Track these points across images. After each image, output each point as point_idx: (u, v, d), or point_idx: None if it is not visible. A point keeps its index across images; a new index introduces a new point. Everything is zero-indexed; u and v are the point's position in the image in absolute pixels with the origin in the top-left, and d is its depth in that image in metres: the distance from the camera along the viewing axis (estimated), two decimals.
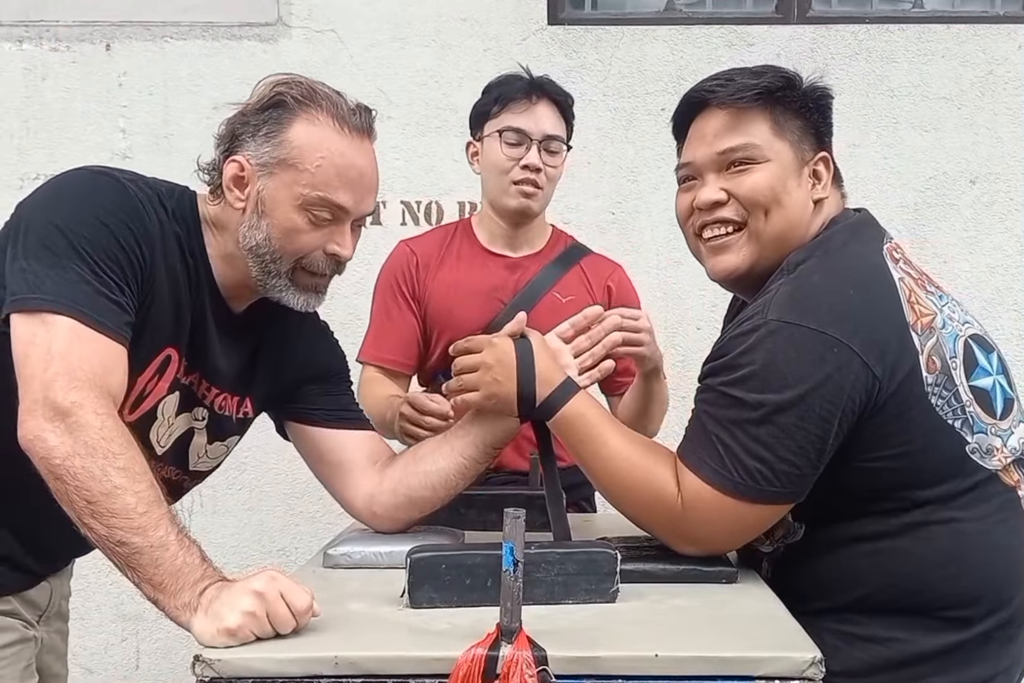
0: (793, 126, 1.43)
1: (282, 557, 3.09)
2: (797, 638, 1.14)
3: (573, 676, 1.06)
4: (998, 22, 3.11)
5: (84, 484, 1.15)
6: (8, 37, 3.11)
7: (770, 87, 1.43)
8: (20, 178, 3.10)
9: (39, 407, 1.18)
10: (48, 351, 1.21)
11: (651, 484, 1.35)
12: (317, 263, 1.42)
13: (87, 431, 1.17)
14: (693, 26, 3.11)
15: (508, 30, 3.09)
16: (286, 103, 1.39)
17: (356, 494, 1.57)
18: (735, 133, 1.43)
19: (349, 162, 1.38)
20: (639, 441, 1.42)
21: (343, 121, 1.38)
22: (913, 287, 1.37)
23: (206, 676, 1.06)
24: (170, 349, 1.39)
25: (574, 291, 2.12)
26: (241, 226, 1.39)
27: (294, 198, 1.37)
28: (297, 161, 1.36)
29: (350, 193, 1.39)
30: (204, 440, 1.50)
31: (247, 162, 1.38)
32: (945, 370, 1.32)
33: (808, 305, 1.30)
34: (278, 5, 3.09)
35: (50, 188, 1.33)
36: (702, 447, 1.33)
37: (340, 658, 1.06)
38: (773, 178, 1.41)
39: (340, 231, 1.41)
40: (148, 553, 1.13)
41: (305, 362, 1.59)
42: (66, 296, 1.23)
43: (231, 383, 1.50)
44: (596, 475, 1.42)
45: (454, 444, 1.54)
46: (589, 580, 1.25)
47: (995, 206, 3.10)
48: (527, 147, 2.05)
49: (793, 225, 1.41)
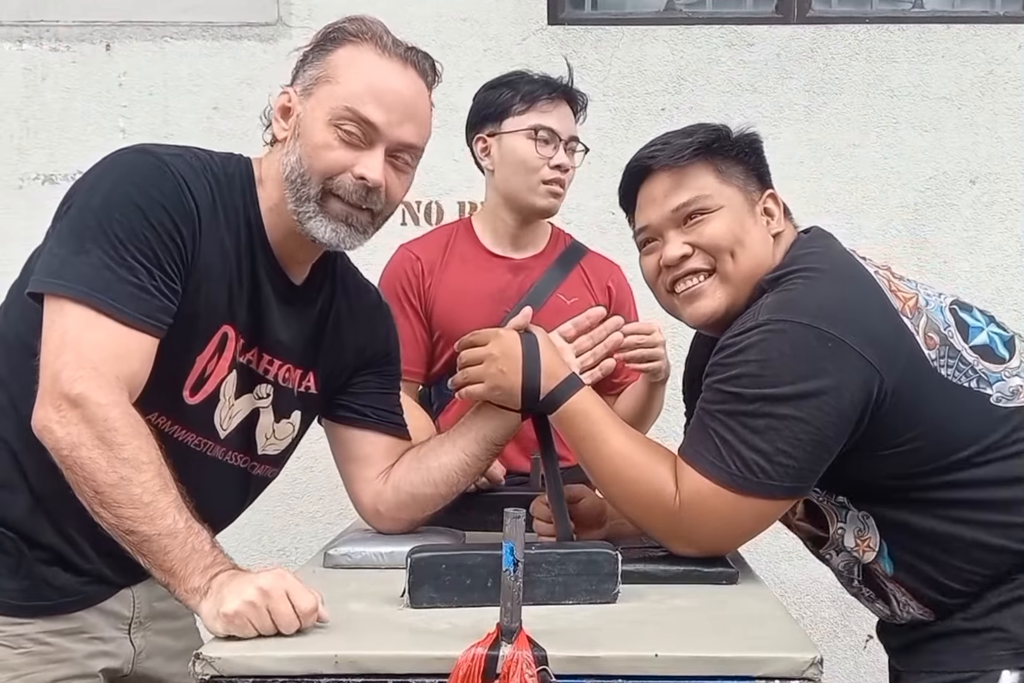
0: (735, 172, 1.50)
1: (282, 557, 3.09)
2: (797, 638, 1.14)
3: (573, 676, 1.06)
4: (998, 22, 3.11)
5: (91, 475, 1.17)
6: (8, 37, 3.11)
7: (705, 141, 1.49)
8: (20, 178, 3.10)
9: (47, 396, 1.20)
10: (61, 339, 1.22)
11: (650, 482, 1.36)
12: (345, 186, 1.36)
13: (92, 422, 1.18)
14: (693, 26, 3.11)
15: (508, 30, 3.09)
16: (337, 36, 1.39)
17: (365, 491, 1.57)
18: (683, 189, 1.48)
19: (383, 79, 1.37)
20: (641, 440, 1.43)
21: (386, 47, 1.39)
22: (889, 276, 1.43)
23: (206, 674, 1.06)
24: (227, 327, 1.37)
25: (577, 292, 2.12)
26: (282, 156, 1.38)
27: (325, 113, 1.35)
28: (332, 77, 1.36)
29: (382, 110, 1.35)
30: (271, 419, 1.48)
31: (294, 92, 1.39)
32: (944, 341, 1.37)
33: (797, 304, 1.34)
34: (278, 5, 3.09)
35: (95, 170, 1.33)
36: (700, 442, 1.34)
37: (340, 657, 1.06)
38: (730, 222, 1.47)
39: (371, 155, 1.36)
40: (157, 541, 1.15)
41: (367, 343, 1.58)
42: (85, 283, 1.23)
43: (294, 355, 1.48)
44: (596, 472, 1.43)
45: (456, 440, 1.55)
46: (590, 580, 1.25)
47: (995, 206, 3.10)
48: (555, 147, 2.04)
49: (759, 262, 1.46)
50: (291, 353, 1.47)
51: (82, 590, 1.39)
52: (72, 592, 1.38)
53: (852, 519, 1.41)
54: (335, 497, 2.86)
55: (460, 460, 1.54)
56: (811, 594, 3.09)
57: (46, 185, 3.09)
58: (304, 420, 1.55)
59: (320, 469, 2.78)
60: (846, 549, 1.44)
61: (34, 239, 1.40)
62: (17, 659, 1.33)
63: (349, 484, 1.60)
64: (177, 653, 1.53)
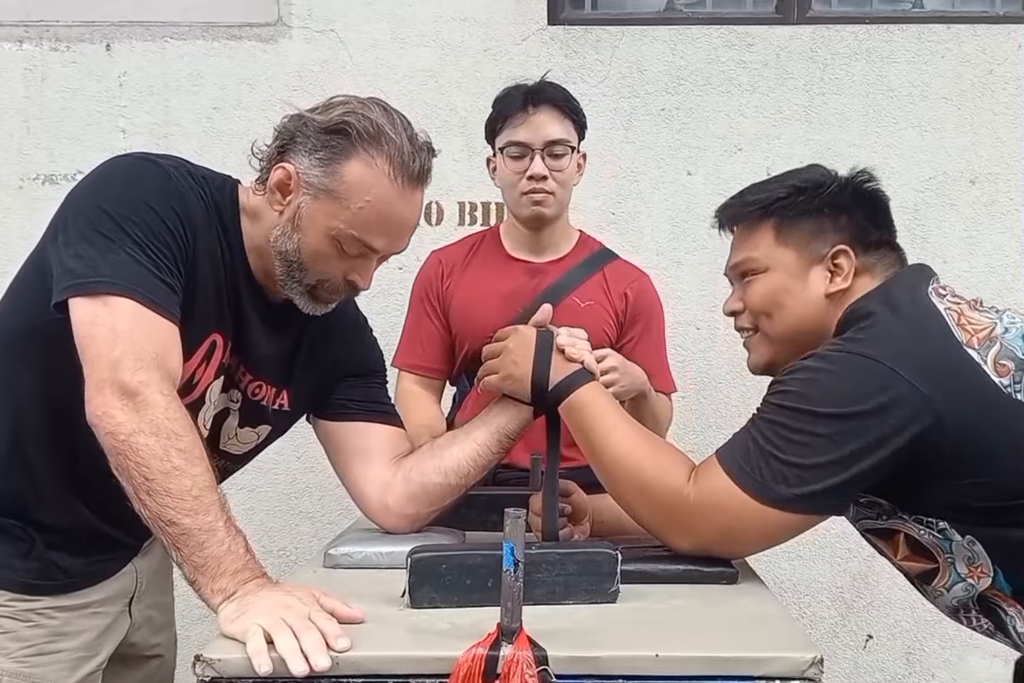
0: (799, 230, 1.51)
1: (282, 557, 3.08)
2: (797, 638, 1.15)
3: (573, 676, 1.06)
4: (998, 22, 3.11)
5: (145, 461, 1.18)
6: (8, 37, 3.11)
7: (766, 202, 1.52)
8: (20, 178, 3.10)
9: (107, 385, 1.22)
10: (113, 331, 1.24)
11: (657, 472, 1.37)
12: (336, 286, 1.45)
13: (153, 410, 1.21)
14: (693, 26, 3.11)
15: (508, 30, 3.09)
16: (349, 134, 1.38)
17: (371, 484, 1.57)
18: (739, 249, 1.56)
19: (392, 211, 1.40)
20: (646, 433, 1.45)
21: (399, 169, 1.38)
22: (962, 310, 1.40)
23: (207, 676, 1.06)
24: (216, 334, 1.42)
25: (593, 296, 2.15)
26: (275, 228, 1.42)
27: (329, 228, 1.39)
28: (343, 197, 1.38)
29: (385, 238, 1.41)
30: (235, 422, 1.53)
31: (296, 174, 1.39)
32: (1020, 366, 1.35)
33: (855, 338, 1.37)
34: (278, 5, 3.09)
35: (95, 175, 1.36)
36: (736, 444, 1.36)
37: (341, 658, 1.06)
38: (772, 285, 1.51)
39: (364, 265, 1.44)
40: (196, 536, 1.16)
41: (344, 358, 1.62)
42: (124, 277, 1.26)
43: (270, 372, 1.52)
44: (601, 463, 1.43)
45: (469, 431, 1.58)
46: (589, 580, 1.25)
47: (995, 206, 3.10)
48: (530, 158, 2.09)
49: (802, 321, 1.50)
50: (268, 370, 1.52)
51: (87, 570, 1.47)
52: (79, 573, 1.46)
53: (959, 548, 1.37)
54: (335, 497, 2.86)
55: (472, 449, 1.56)
56: (811, 594, 3.09)
57: (46, 185, 3.09)
58: (272, 435, 1.60)
59: (320, 469, 2.78)
60: (961, 578, 1.40)
61: (34, 239, 1.40)
62: (28, 632, 1.42)
63: (352, 482, 1.60)
64: (161, 626, 1.66)
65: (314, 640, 1.07)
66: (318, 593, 1.18)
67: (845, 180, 1.55)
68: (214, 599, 1.16)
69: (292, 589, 1.18)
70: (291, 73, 3.06)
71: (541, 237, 2.18)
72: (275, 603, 1.13)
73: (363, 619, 1.17)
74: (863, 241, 1.52)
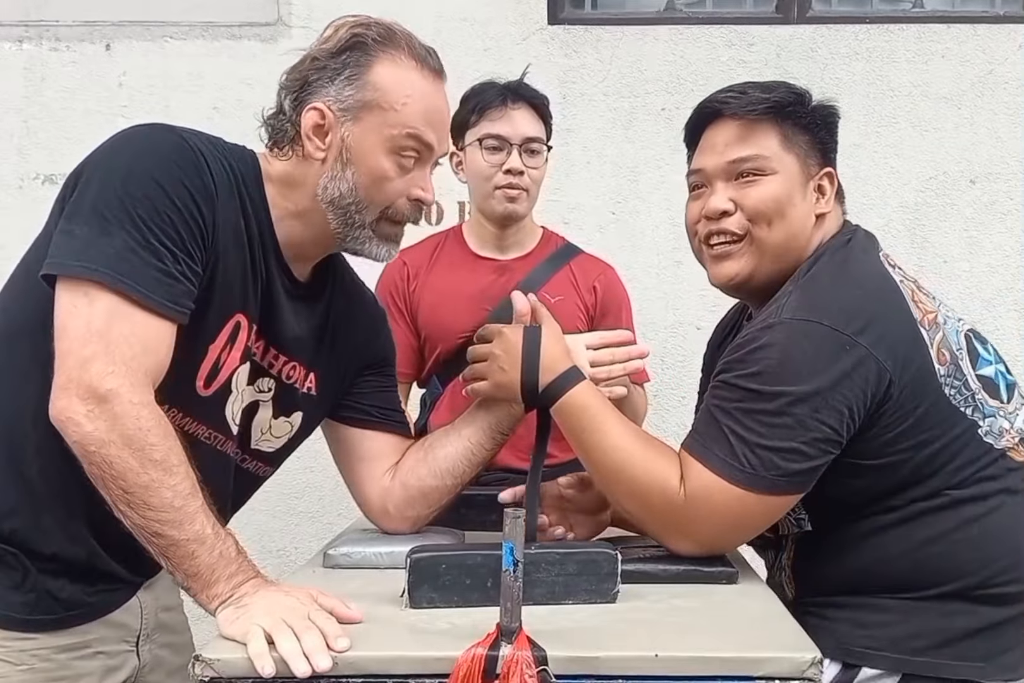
0: (801, 141, 1.47)
1: (282, 557, 3.09)
2: (797, 638, 1.14)
3: (573, 676, 1.06)
4: (998, 22, 3.11)
5: (121, 475, 1.14)
6: (8, 37, 3.11)
7: (781, 101, 1.46)
8: (20, 178, 3.10)
9: (73, 386, 1.14)
10: (88, 326, 1.16)
11: (652, 476, 1.36)
12: (401, 210, 1.38)
13: (124, 420, 1.14)
14: (693, 26, 3.11)
15: (508, 30, 3.09)
16: (365, 44, 1.33)
17: (374, 489, 1.56)
18: (745, 144, 1.46)
19: (432, 101, 1.36)
20: (641, 434, 1.43)
21: (423, 61, 1.36)
22: (913, 288, 1.43)
23: (206, 676, 1.06)
24: (240, 315, 1.33)
25: (563, 291, 2.15)
26: (321, 177, 1.34)
27: (384, 140, 1.33)
28: (384, 101, 1.32)
29: (435, 132, 1.36)
30: (269, 414, 1.44)
31: (327, 108, 1.33)
32: (954, 361, 1.38)
33: (819, 304, 1.34)
34: (278, 5, 3.09)
35: (108, 145, 1.28)
36: (711, 439, 1.34)
37: (340, 658, 1.06)
38: (779, 190, 1.44)
39: (423, 175, 1.38)
40: (184, 546, 1.13)
41: (366, 345, 1.57)
42: (112, 267, 1.17)
43: (303, 352, 1.45)
44: (595, 465, 1.42)
45: (460, 430, 1.56)
46: (589, 580, 1.25)
47: (995, 206, 3.10)
48: (507, 152, 2.09)
49: (794, 237, 1.45)
50: (300, 350, 1.45)
51: (89, 601, 1.34)
52: (79, 604, 1.33)
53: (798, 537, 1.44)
54: (335, 497, 2.86)
55: (465, 448, 1.54)
56: None
57: (46, 185, 3.09)
58: (305, 423, 1.52)
59: (320, 469, 2.78)
60: None
61: None
62: (20, 676, 1.29)
63: (356, 485, 1.59)
64: (176, 668, 1.48)
65: (315, 640, 1.06)
66: (316, 592, 1.17)
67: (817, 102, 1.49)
68: (211, 605, 1.14)
69: (290, 589, 1.17)
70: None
71: (507, 234, 2.17)
72: (274, 603, 1.12)
73: (362, 619, 1.16)
74: (835, 168, 1.50)
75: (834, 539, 1.41)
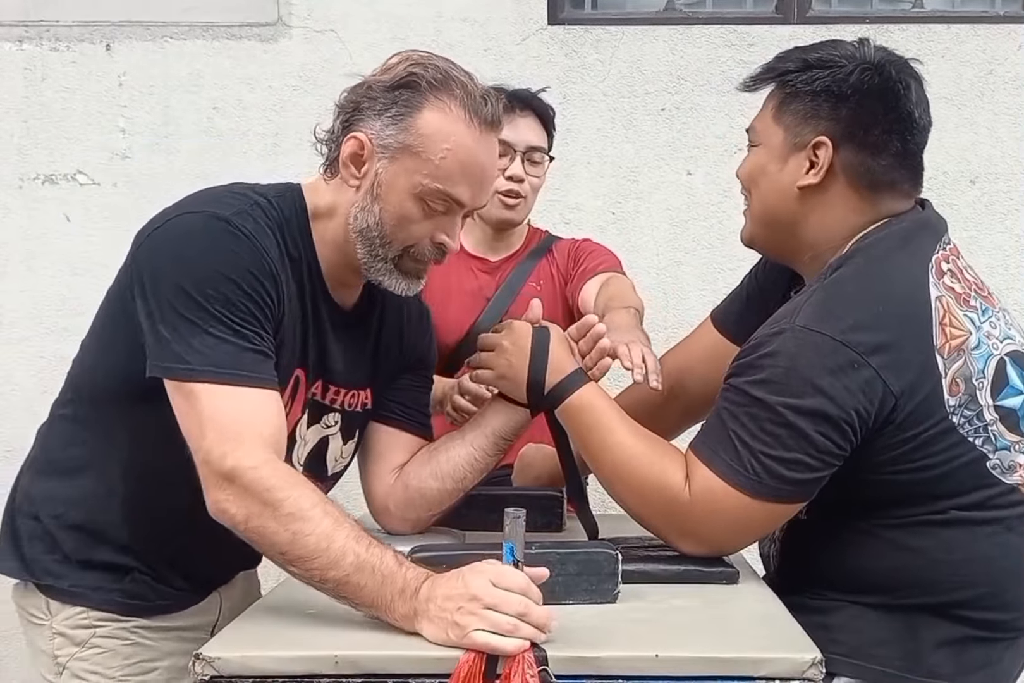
0: (794, 109, 1.42)
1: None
2: (797, 638, 1.14)
3: (573, 676, 1.06)
4: (998, 22, 3.11)
5: (269, 540, 1.19)
6: (8, 37, 3.11)
7: (777, 71, 1.45)
8: (20, 178, 3.10)
9: (209, 479, 1.22)
10: (199, 421, 1.24)
11: (657, 476, 1.36)
12: (424, 251, 1.40)
13: (251, 490, 1.19)
14: (693, 26, 3.11)
15: (508, 30, 3.09)
16: (419, 86, 1.33)
17: (379, 486, 1.58)
18: (756, 116, 1.50)
19: (473, 157, 1.35)
20: (647, 435, 1.43)
21: (474, 113, 1.34)
22: (950, 306, 1.37)
23: (206, 674, 1.06)
24: (299, 370, 1.41)
25: (545, 276, 2.21)
26: (353, 206, 1.37)
27: (412, 186, 1.34)
28: (422, 149, 1.32)
29: (469, 188, 1.36)
30: (340, 443, 1.53)
31: (368, 140, 1.34)
32: (969, 391, 1.33)
33: (836, 314, 1.32)
34: (278, 5, 3.09)
35: (168, 243, 1.32)
36: (718, 442, 1.33)
37: (340, 657, 1.06)
38: (755, 162, 1.48)
39: (451, 222, 1.38)
40: (349, 582, 1.15)
41: (412, 348, 1.60)
42: (209, 363, 1.24)
43: (355, 379, 1.50)
44: (601, 466, 1.43)
45: (465, 434, 1.57)
46: (590, 580, 1.25)
47: (995, 206, 3.10)
48: (511, 158, 2.10)
49: (772, 207, 1.46)
50: (356, 378, 1.50)
51: (177, 595, 1.50)
52: (169, 596, 1.49)
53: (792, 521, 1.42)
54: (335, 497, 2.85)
55: (468, 453, 1.55)
56: None
57: (46, 185, 3.08)
58: (361, 432, 1.58)
59: None
60: None
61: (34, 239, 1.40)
62: (126, 650, 1.46)
63: (365, 479, 1.61)
64: None
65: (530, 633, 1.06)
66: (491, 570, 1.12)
67: (859, 67, 1.40)
68: (407, 626, 1.13)
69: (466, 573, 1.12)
70: (291, 73, 3.06)
71: (502, 237, 2.23)
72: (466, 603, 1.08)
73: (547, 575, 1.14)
74: (858, 140, 1.40)
75: (825, 528, 1.40)
